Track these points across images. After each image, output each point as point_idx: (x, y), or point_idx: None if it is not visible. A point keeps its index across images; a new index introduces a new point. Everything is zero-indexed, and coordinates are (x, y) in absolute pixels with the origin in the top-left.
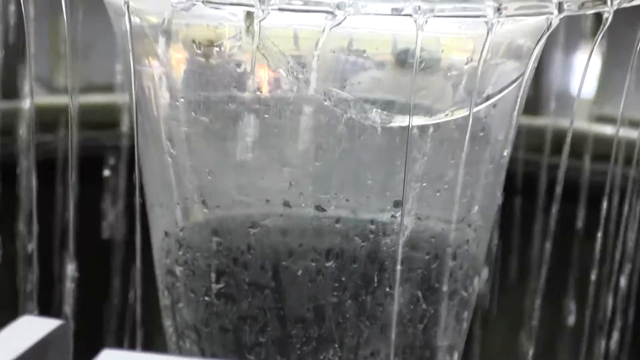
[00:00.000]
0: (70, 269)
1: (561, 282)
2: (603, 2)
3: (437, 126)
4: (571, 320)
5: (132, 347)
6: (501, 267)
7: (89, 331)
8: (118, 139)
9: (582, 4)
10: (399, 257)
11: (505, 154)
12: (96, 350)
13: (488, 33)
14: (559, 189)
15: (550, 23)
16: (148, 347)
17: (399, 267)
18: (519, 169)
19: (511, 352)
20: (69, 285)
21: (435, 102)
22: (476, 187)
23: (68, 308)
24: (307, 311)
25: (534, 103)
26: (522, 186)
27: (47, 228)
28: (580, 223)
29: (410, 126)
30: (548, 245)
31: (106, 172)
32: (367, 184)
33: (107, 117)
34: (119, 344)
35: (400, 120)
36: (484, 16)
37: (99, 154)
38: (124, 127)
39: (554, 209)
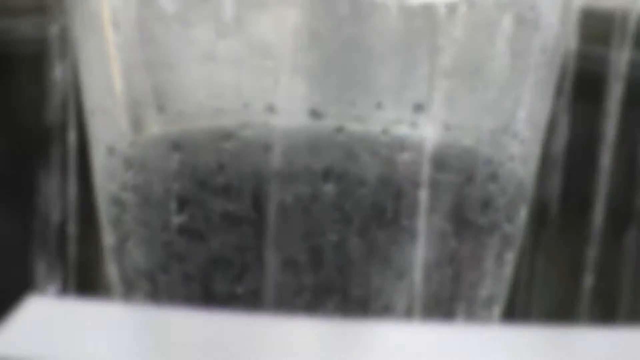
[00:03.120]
0: None
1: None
2: None
3: (471, 3)
4: None
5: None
6: (554, 194)
7: (12, 279)
8: (44, 27)
9: None
10: (422, 179)
11: (560, 43)
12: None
13: None
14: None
15: None
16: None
17: (421, 192)
18: (578, 65)
19: (568, 303)
20: None
21: None
22: (523, 85)
23: None
24: (299, 252)
25: None
26: (581, 88)
27: None
28: None
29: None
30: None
31: (30, 71)
32: (378, 81)
33: None
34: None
35: None
36: None
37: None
38: (53, 11)
39: (626, 119)
